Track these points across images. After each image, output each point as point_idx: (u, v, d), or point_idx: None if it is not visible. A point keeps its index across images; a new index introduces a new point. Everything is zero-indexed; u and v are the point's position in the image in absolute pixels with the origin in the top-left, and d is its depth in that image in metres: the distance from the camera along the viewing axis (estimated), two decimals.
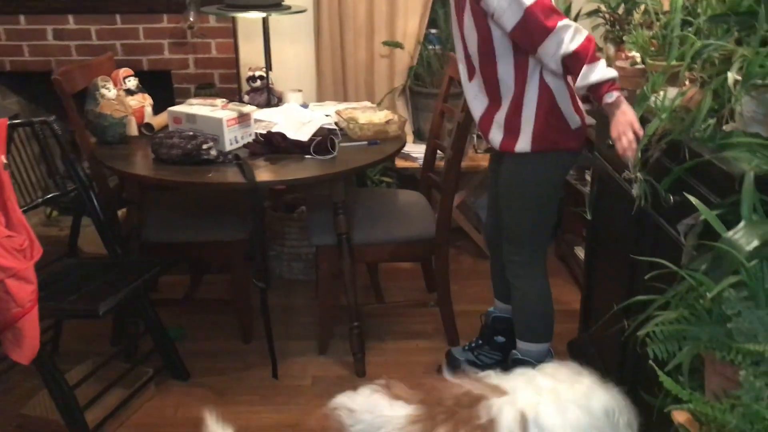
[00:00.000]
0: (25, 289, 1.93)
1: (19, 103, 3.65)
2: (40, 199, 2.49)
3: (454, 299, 2.81)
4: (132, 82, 2.81)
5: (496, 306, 2.59)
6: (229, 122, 2.48)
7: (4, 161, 2.03)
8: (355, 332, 2.63)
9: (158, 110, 2.84)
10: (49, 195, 2.54)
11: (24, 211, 2.13)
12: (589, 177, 2.90)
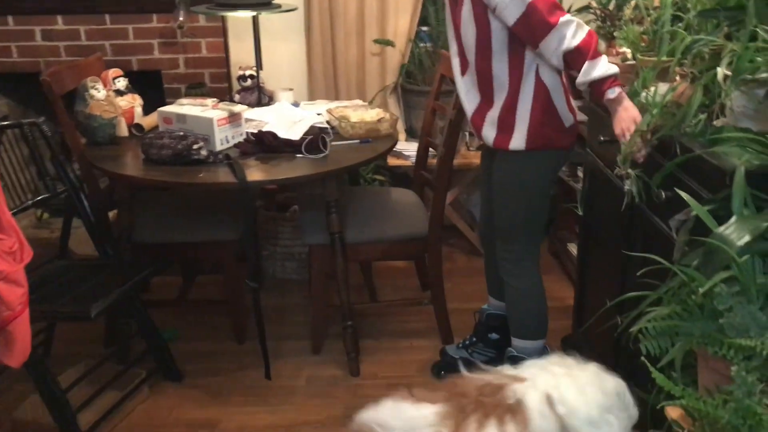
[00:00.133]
0: (15, 292, 1.91)
1: (7, 105, 3.63)
2: (30, 201, 2.48)
3: (447, 297, 2.81)
4: (121, 83, 2.79)
5: (489, 303, 2.59)
6: (219, 122, 2.47)
7: None
8: (348, 331, 2.62)
9: (148, 110, 2.83)
10: (39, 197, 2.53)
11: (14, 214, 2.11)
12: (581, 173, 2.90)
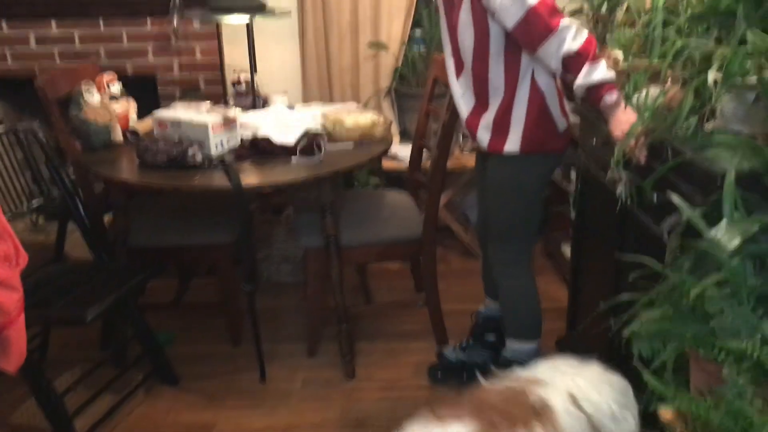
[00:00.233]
0: (11, 297, 1.91)
1: (2, 110, 3.63)
2: (25, 206, 2.48)
3: (442, 298, 2.81)
4: (116, 88, 2.79)
5: (486, 305, 2.60)
6: (214, 127, 2.48)
7: None
8: (343, 334, 2.63)
9: (143, 115, 2.83)
10: (35, 201, 2.53)
11: (9, 219, 2.12)
12: (574, 175, 2.91)
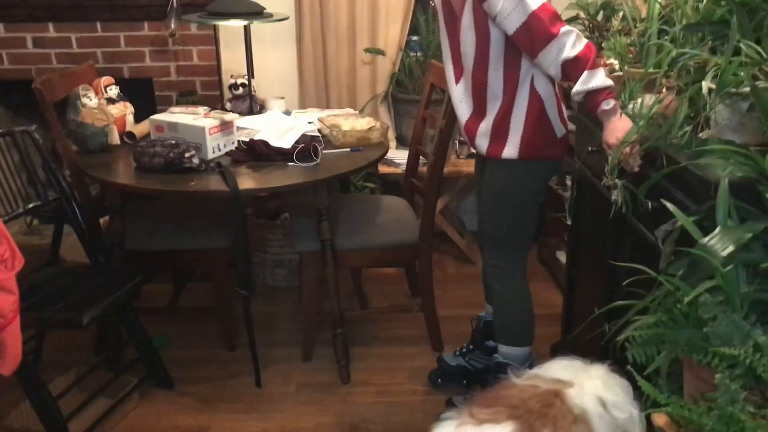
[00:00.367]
0: (6, 300, 1.91)
1: None
2: (21, 209, 2.48)
3: (437, 304, 2.83)
4: (113, 91, 2.80)
5: (486, 310, 2.59)
6: (211, 130, 2.49)
7: None
8: (339, 338, 2.64)
9: (140, 118, 2.84)
10: (31, 204, 2.53)
11: (5, 221, 2.12)
12: (569, 182, 2.93)
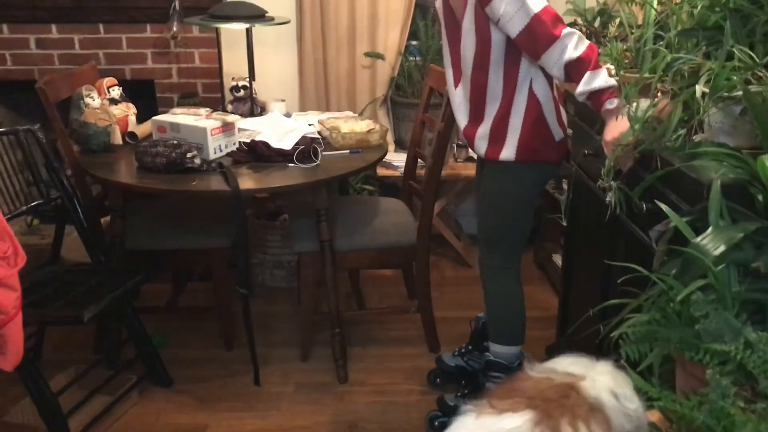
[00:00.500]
0: (9, 296, 1.93)
1: (1, 112, 3.65)
2: (23, 207, 2.50)
3: (434, 306, 2.85)
4: (116, 92, 2.83)
5: (485, 311, 2.61)
6: (213, 131, 2.51)
7: None
8: (336, 338, 2.66)
9: (141, 120, 2.86)
10: (33, 203, 2.55)
11: (7, 220, 2.14)
12: (565, 186, 2.96)
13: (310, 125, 2.86)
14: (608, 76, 1.93)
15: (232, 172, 2.40)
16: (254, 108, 3.21)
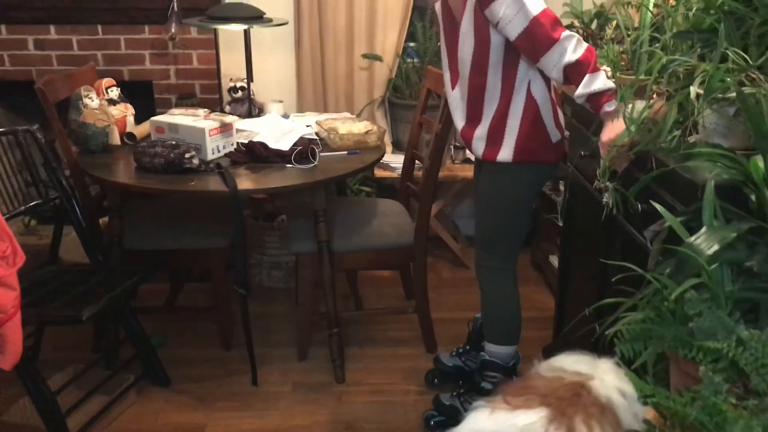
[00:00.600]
0: (8, 296, 1.94)
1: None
2: (22, 207, 2.51)
3: (432, 307, 2.86)
4: (114, 92, 2.84)
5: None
6: (211, 132, 2.53)
7: None
8: (334, 338, 2.67)
9: (138, 121, 2.88)
10: (32, 203, 2.56)
11: (6, 219, 2.14)
12: (562, 187, 2.97)
13: (307, 126, 2.87)
14: (606, 77, 1.95)
15: (230, 173, 2.41)
16: (252, 109, 3.23)
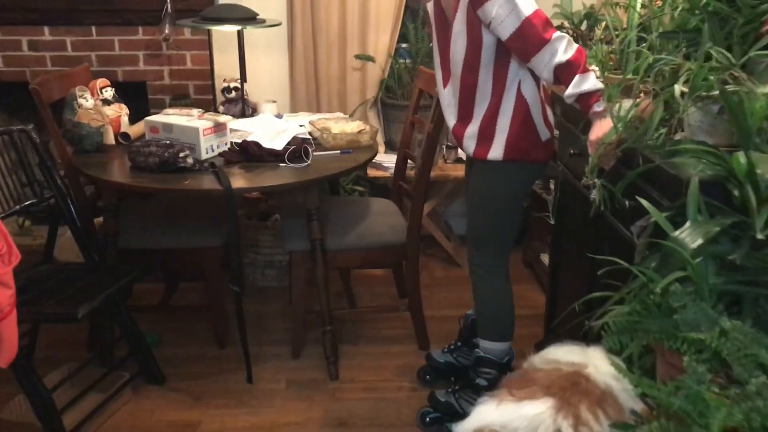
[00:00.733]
0: (3, 294, 1.95)
1: None
2: (17, 207, 2.52)
3: (424, 305, 2.89)
4: (109, 93, 2.86)
5: (474, 309, 2.65)
6: (205, 131, 2.55)
7: None
8: (327, 336, 2.69)
9: (133, 122, 2.89)
10: (27, 202, 2.57)
11: (1, 219, 2.16)
12: (552, 186, 3.00)
13: (301, 126, 2.90)
14: (596, 78, 1.98)
15: (224, 172, 2.43)
16: (246, 109, 3.25)
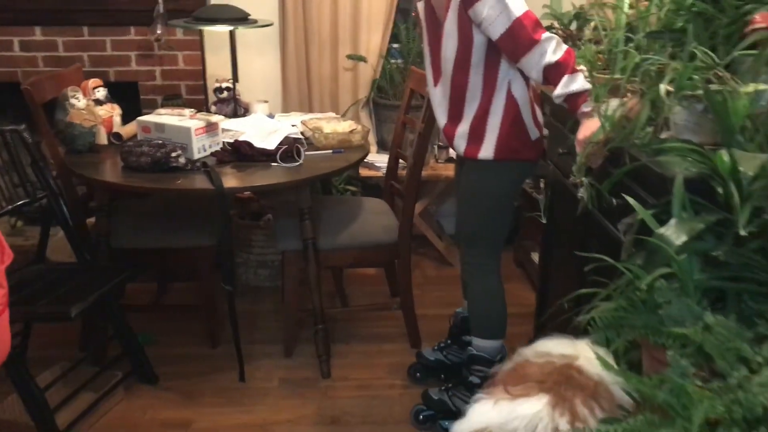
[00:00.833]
0: None
1: None
2: (9, 207, 2.52)
3: (416, 304, 2.90)
4: (101, 93, 2.86)
5: (463, 306, 2.66)
6: (197, 131, 2.56)
7: None
8: (320, 334, 2.70)
9: (125, 122, 2.90)
10: (19, 203, 2.57)
11: None
12: (543, 185, 3.02)
13: (293, 126, 2.91)
14: (584, 79, 2.00)
15: (216, 171, 2.44)
16: (237, 109, 3.26)
